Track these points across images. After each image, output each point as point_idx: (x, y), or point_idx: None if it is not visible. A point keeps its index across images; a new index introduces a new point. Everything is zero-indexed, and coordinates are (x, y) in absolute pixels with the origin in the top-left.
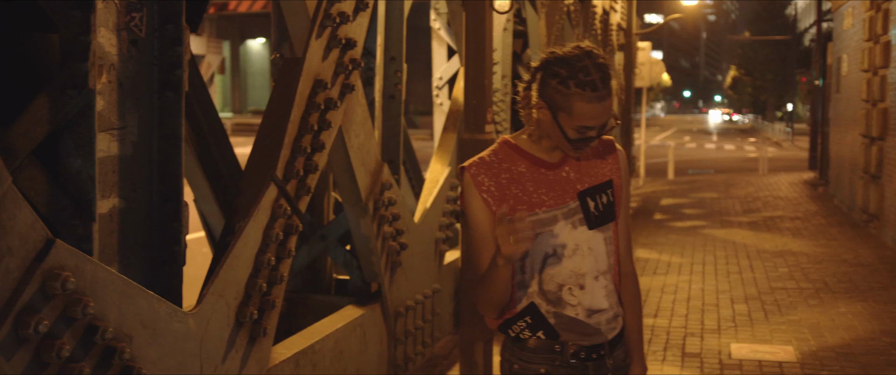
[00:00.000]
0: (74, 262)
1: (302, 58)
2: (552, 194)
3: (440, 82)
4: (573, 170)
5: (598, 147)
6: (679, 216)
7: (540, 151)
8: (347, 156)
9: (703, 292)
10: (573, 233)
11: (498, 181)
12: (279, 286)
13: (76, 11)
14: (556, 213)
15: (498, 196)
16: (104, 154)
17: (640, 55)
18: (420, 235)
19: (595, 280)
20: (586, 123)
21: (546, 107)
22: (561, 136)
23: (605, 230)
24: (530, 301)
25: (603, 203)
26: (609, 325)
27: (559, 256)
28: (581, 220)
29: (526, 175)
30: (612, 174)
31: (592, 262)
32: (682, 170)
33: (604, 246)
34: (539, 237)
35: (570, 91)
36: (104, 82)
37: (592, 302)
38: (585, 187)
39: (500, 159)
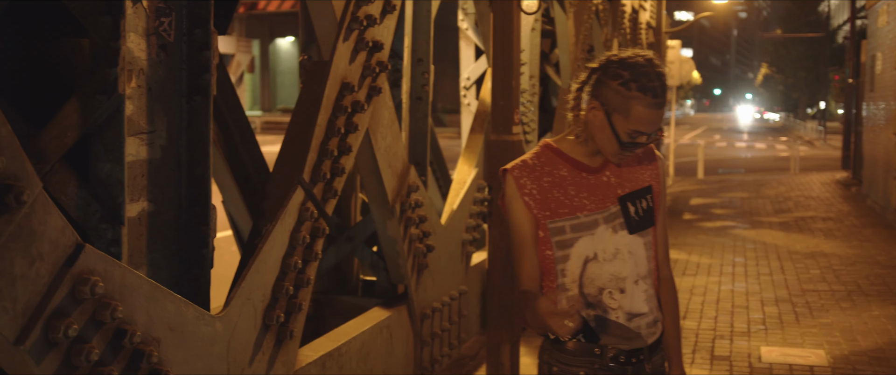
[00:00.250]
0: (103, 267)
1: (329, 61)
2: (593, 198)
3: (468, 82)
4: (614, 175)
5: (638, 153)
6: (709, 216)
7: (582, 155)
8: (374, 159)
9: (733, 294)
10: (614, 238)
11: (540, 184)
12: (306, 289)
13: (106, 17)
14: (596, 217)
15: (539, 199)
16: (133, 158)
17: (669, 54)
18: (447, 237)
19: (635, 284)
20: (640, 128)
21: (600, 108)
22: (611, 138)
23: (645, 235)
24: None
25: (643, 208)
26: (649, 330)
27: (600, 260)
28: (621, 225)
29: (567, 179)
30: (651, 180)
31: (633, 266)
32: (712, 170)
33: (644, 251)
34: (580, 240)
35: (631, 93)
36: (133, 87)
37: (633, 306)
38: (626, 192)
39: (542, 162)
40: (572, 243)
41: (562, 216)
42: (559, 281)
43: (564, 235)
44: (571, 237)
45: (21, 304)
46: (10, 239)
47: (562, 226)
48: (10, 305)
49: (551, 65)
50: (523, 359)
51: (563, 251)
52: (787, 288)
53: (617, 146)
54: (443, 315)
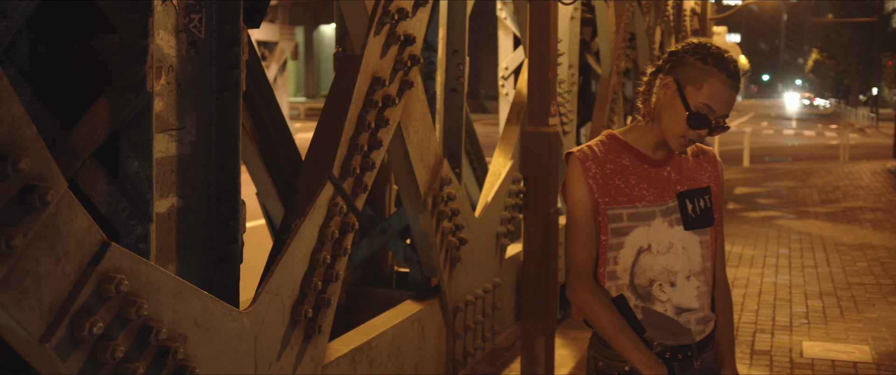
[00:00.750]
0: (129, 264)
1: (360, 55)
2: (653, 190)
3: (506, 72)
4: (675, 171)
5: (699, 155)
6: (753, 205)
7: (645, 148)
8: (406, 152)
9: (776, 286)
10: (669, 231)
11: (603, 170)
12: (335, 284)
13: (135, 15)
14: (654, 209)
15: (602, 184)
16: (162, 154)
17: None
18: (481, 230)
19: (687, 279)
20: (711, 103)
21: (673, 83)
22: (679, 114)
23: (701, 233)
24: (620, 293)
25: (700, 207)
26: (698, 326)
27: (653, 252)
28: (678, 220)
29: (629, 168)
30: (711, 182)
31: (686, 262)
32: (759, 158)
33: (699, 249)
34: (635, 230)
35: (708, 67)
36: (163, 84)
37: (682, 301)
38: (685, 188)
39: (605, 150)
40: (627, 232)
41: (621, 203)
42: (610, 267)
43: (621, 223)
44: (628, 225)
45: (47, 302)
46: (35, 238)
47: (619, 214)
48: (35, 303)
49: (592, 53)
50: (559, 351)
51: (617, 238)
52: (832, 281)
53: (683, 125)
54: (476, 308)
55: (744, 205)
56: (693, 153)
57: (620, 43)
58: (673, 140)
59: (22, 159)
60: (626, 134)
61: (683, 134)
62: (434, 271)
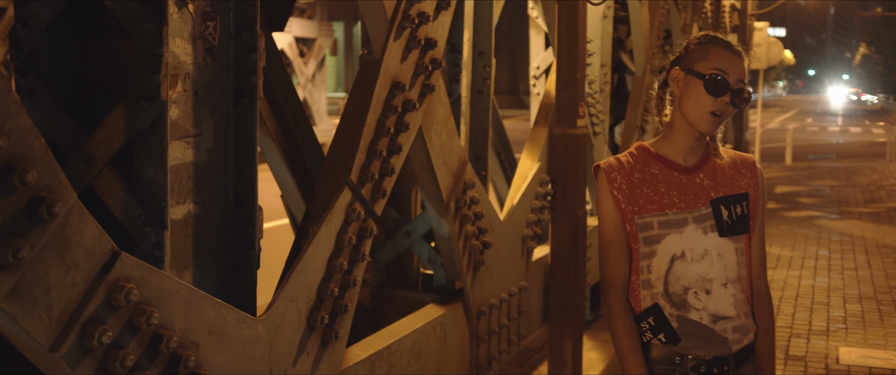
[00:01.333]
0: (140, 273)
1: (379, 60)
2: (684, 197)
3: (537, 71)
4: (708, 178)
5: (737, 162)
6: (793, 205)
7: (675, 155)
8: (428, 156)
9: (813, 289)
10: (703, 238)
11: (630, 180)
12: (353, 289)
13: (149, 24)
14: (686, 216)
15: (628, 194)
16: (179, 161)
17: (756, 36)
18: (506, 233)
19: (722, 287)
20: (721, 66)
21: (681, 71)
22: (699, 90)
23: (737, 240)
24: (654, 301)
25: (737, 213)
26: (735, 335)
27: (687, 259)
28: (712, 227)
29: (658, 176)
30: (749, 188)
31: (721, 269)
32: (802, 155)
33: (735, 256)
34: (667, 237)
35: (707, 44)
36: (179, 91)
37: (718, 309)
38: (720, 195)
39: (634, 161)
40: (659, 239)
41: (650, 212)
42: (643, 276)
43: (652, 231)
44: (659, 233)
45: (56, 312)
46: (44, 249)
47: (649, 222)
48: (45, 313)
49: (626, 51)
50: (588, 354)
51: (649, 247)
52: (873, 285)
53: (704, 98)
54: (501, 311)
55: (784, 205)
56: (731, 160)
57: (654, 41)
58: (702, 121)
59: (29, 172)
60: (656, 144)
61: (710, 109)
62: (457, 275)
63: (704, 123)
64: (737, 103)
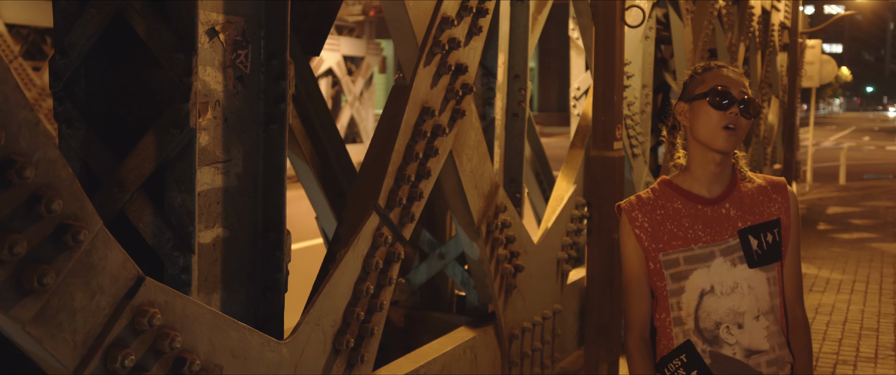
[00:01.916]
0: (164, 298)
1: (408, 86)
2: (709, 230)
3: (578, 93)
4: (734, 207)
5: (766, 187)
6: (846, 227)
7: (698, 188)
8: (459, 180)
9: (863, 314)
10: (732, 271)
11: (652, 217)
12: (379, 313)
13: (180, 54)
14: (712, 249)
15: (651, 232)
16: (208, 187)
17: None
18: (540, 256)
19: (755, 319)
20: (721, 83)
21: (686, 103)
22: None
23: (769, 270)
24: (687, 338)
25: (768, 242)
26: (770, 369)
27: (717, 293)
28: (741, 258)
29: (682, 211)
30: (780, 214)
31: (752, 301)
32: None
33: (766, 287)
34: (695, 272)
35: (702, 72)
36: (209, 118)
37: (751, 342)
38: (747, 225)
39: (657, 196)
40: (687, 275)
41: (675, 248)
42: (674, 313)
43: (678, 267)
44: (686, 269)
45: (81, 335)
46: (69, 274)
47: (675, 258)
48: (69, 336)
49: (671, 71)
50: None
51: (677, 283)
52: None
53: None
54: (534, 334)
55: (836, 226)
56: (760, 185)
57: (698, 61)
58: (716, 139)
59: (55, 200)
60: (679, 177)
61: (721, 123)
62: (489, 298)
63: (720, 140)
64: (747, 114)
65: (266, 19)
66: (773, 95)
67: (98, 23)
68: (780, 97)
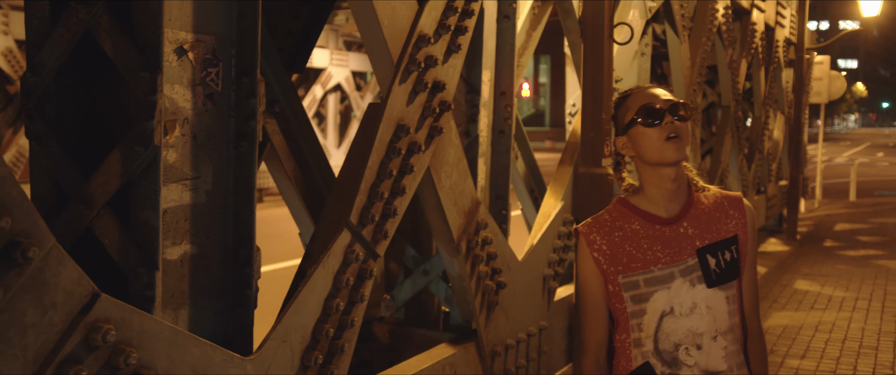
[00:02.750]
0: (120, 314)
1: (383, 103)
2: (668, 251)
3: (573, 109)
4: (692, 226)
5: (722, 202)
6: (853, 244)
7: (655, 208)
8: (437, 197)
9: (863, 332)
10: (691, 291)
11: (610, 239)
12: (350, 330)
13: (145, 73)
14: (672, 270)
15: (610, 255)
16: (176, 203)
17: (816, 70)
18: (524, 273)
19: (713, 340)
20: (645, 100)
21: (622, 136)
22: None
23: (728, 288)
24: (646, 360)
25: (726, 260)
26: None
27: (676, 314)
28: (699, 278)
29: (640, 232)
30: (737, 230)
31: (711, 321)
32: (869, 191)
33: (725, 306)
34: (655, 294)
35: (625, 101)
36: (177, 136)
37: (710, 363)
38: (705, 243)
39: (613, 217)
40: (648, 297)
41: (635, 270)
42: (634, 335)
43: (639, 289)
44: (646, 291)
45: (32, 352)
46: (20, 291)
47: (635, 281)
48: (20, 353)
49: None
50: None
51: (638, 305)
52: None
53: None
54: (518, 351)
55: (842, 243)
56: (716, 201)
57: (696, 78)
58: (664, 153)
59: (3, 218)
60: (635, 197)
61: (661, 137)
62: (471, 314)
63: (670, 152)
64: (682, 117)
65: (237, 38)
66: (778, 111)
67: (68, 42)
68: (787, 113)
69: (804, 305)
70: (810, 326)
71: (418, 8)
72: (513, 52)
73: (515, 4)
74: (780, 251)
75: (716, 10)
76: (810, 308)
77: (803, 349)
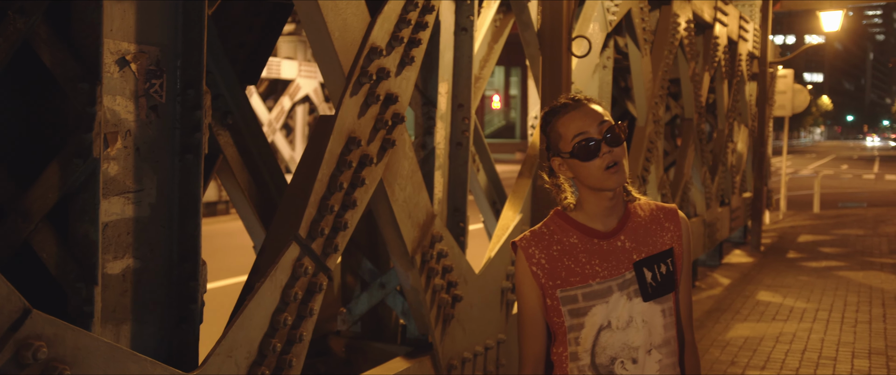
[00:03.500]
0: (53, 331)
1: (334, 115)
2: (606, 265)
3: (535, 122)
4: (629, 239)
5: (658, 214)
6: (815, 255)
7: (592, 222)
8: (391, 210)
9: (823, 343)
10: (628, 305)
11: (549, 253)
12: (299, 345)
13: (83, 84)
14: (610, 284)
15: (548, 269)
16: (118, 217)
17: (780, 83)
18: (482, 285)
19: (648, 353)
20: (576, 130)
21: (556, 157)
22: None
23: (663, 301)
24: (582, 374)
25: (661, 273)
26: None
27: (613, 328)
28: (636, 292)
29: (578, 246)
30: (672, 242)
31: (646, 335)
32: (832, 203)
33: (661, 319)
34: (594, 308)
35: (551, 122)
36: (119, 148)
37: None
38: (642, 257)
39: (552, 231)
40: (586, 311)
41: (573, 284)
42: (571, 349)
43: (577, 304)
44: (585, 305)
45: None
46: None
47: (574, 295)
48: None
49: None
50: None
51: (576, 319)
52: (885, 340)
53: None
54: (475, 364)
55: (805, 254)
56: (652, 213)
57: (657, 90)
58: (604, 181)
59: None
60: (573, 210)
61: (600, 168)
62: (427, 328)
63: (609, 181)
64: (616, 142)
65: (182, 49)
66: (742, 124)
67: (5, 51)
68: (750, 126)
69: (766, 316)
70: (771, 337)
71: (370, 20)
72: (470, 64)
73: (473, 17)
74: (743, 262)
75: (678, 23)
76: (772, 319)
77: (764, 360)
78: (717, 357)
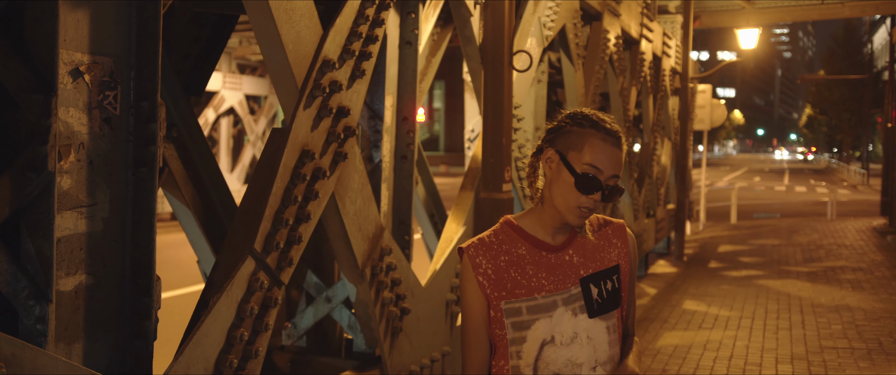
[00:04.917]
0: (11, 351)
1: (287, 128)
2: (553, 279)
3: (472, 134)
4: (577, 254)
5: (606, 229)
6: (735, 264)
7: (543, 233)
8: (342, 223)
9: (748, 350)
10: (573, 321)
11: (496, 263)
12: (255, 360)
13: (38, 95)
14: (555, 299)
15: (494, 279)
16: (71, 231)
17: (699, 98)
18: (428, 298)
19: (592, 370)
20: (596, 163)
21: (555, 153)
22: (568, 182)
23: (608, 318)
24: None
25: (607, 290)
26: None
27: (556, 344)
28: (582, 308)
29: (526, 258)
30: (619, 259)
31: (591, 352)
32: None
33: (606, 336)
34: (537, 322)
35: (585, 129)
36: (72, 161)
37: None
38: (589, 273)
39: (500, 240)
40: (529, 325)
41: (518, 296)
42: (513, 362)
43: (521, 316)
44: (528, 318)
45: None
46: None
47: (518, 307)
48: None
49: None
50: None
51: (519, 332)
52: (805, 345)
53: (575, 194)
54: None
55: (726, 264)
56: (599, 227)
57: (589, 103)
58: (570, 214)
59: None
60: (523, 219)
61: (578, 204)
62: (375, 341)
63: (572, 216)
64: (608, 199)
65: (136, 60)
66: (665, 137)
67: None
68: (673, 139)
69: (693, 325)
70: (699, 345)
71: (323, 33)
72: (415, 77)
73: (417, 31)
74: (668, 272)
75: (608, 39)
76: (698, 327)
77: (693, 367)
78: (649, 366)
